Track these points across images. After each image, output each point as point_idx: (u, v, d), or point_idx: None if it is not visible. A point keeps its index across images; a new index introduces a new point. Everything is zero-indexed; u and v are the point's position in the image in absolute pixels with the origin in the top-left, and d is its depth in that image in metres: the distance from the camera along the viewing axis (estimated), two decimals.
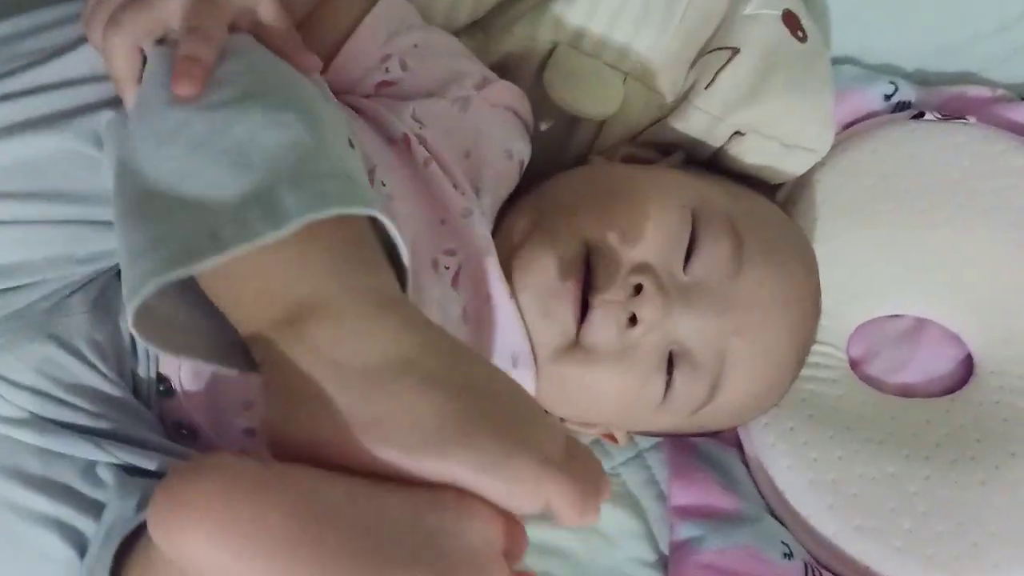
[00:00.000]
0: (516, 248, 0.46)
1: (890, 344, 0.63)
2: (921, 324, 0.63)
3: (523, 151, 0.51)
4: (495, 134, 0.49)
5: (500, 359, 0.46)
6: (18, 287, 0.36)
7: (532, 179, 0.53)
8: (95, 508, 0.36)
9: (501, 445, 0.28)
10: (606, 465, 0.58)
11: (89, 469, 0.37)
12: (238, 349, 0.32)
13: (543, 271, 0.45)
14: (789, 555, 0.55)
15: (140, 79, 0.36)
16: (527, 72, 0.54)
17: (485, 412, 0.28)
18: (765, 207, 0.54)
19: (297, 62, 0.37)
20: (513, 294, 0.45)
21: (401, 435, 0.28)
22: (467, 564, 0.28)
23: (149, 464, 0.37)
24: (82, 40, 0.39)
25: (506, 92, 0.51)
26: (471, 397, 0.29)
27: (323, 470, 0.28)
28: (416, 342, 0.29)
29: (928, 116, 0.63)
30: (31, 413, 0.37)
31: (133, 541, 0.33)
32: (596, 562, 0.56)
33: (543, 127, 0.54)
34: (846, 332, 0.62)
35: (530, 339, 0.46)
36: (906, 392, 0.62)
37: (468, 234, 0.46)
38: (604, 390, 0.48)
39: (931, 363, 0.63)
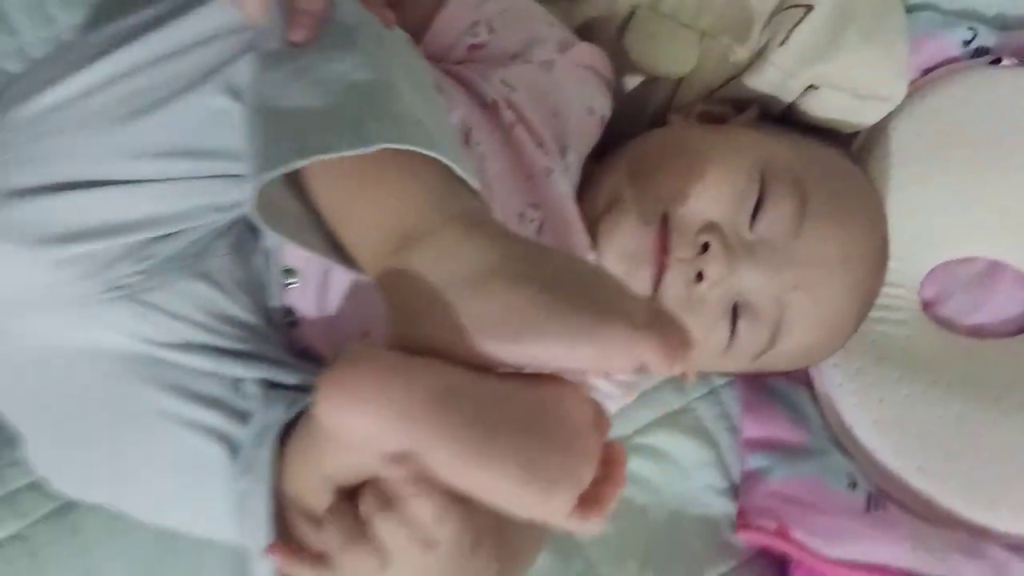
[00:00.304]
0: (602, 212, 0.51)
1: (963, 286, 0.65)
2: (994, 266, 0.65)
3: (604, 107, 0.54)
4: (578, 93, 0.53)
5: None
6: (171, 235, 0.43)
7: (615, 134, 0.57)
8: (243, 416, 0.43)
9: (590, 318, 0.32)
10: (682, 400, 0.63)
11: (236, 384, 0.44)
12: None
13: (625, 236, 0.50)
14: (853, 486, 0.59)
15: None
16: (608, 35, 0.57)
17: (571, 295, 0.33)
18: (835, 162, 0.56)
19: (379, 15, 0.43)
20: (594, 249, 0.50)
21: (503, 327, 0.32)
22: (566, 430, 0.33)
23: (286, 379, 0.44)
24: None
25: (587, 53, 0.54)
26: (557, 286, 0.33)
27: (449, 366, 0.33)
28: (502, 251, 0.34)
29: (1006, 62, 0.64)
30: (187, 340, 0.44)
31: (285, 436, 0.39)
32: (672, 489, 0.61)
33: (624, 85, 0.57)
34: (919, 275, 0.64)
35: None
36: (978, 333, 0.64)
37: (551, 191, 0.50)
38: None
39: (1004, 305, 0.64)
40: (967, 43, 0.66)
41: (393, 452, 0.32)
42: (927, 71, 0.66)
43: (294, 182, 0.39)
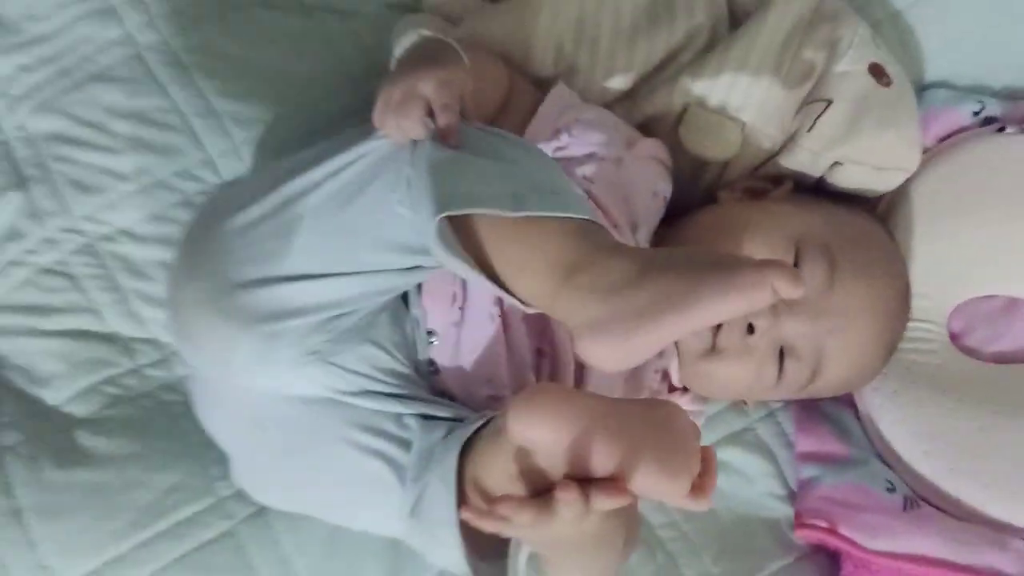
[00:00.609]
0: None
1: (985, 320, 0.75)
2: (1012, 302, 0.75)
3: (666, 189, 0.68)
4: (643, 180, 0.67)
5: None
6: (350, 312, 0.58)
7: (677, 208, 0.71)
8: (405, 444, 0.58)
9: (726, 273, 0.45)
10: (745, 422, 0.75)
11: (399, 419, 0.59)
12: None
13: None
14: (892, 490, 0.70)
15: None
16: (665, 127, 0.71)
17: (704, 266, 0.45)
18: (860, 225, 0.69)
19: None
20: None
21: (651, 312, 0.45)
22: (681, 436, 0.47)
23: (436, 413, 0.59)
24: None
25: (649, 146, 0.68)
26: (692, 265, 0.46)
27: (598, 395, 0.48)
28: (643, 258, 0.48)
29: (1010, 129, 0.75)
30: (362, 388, 0.59)
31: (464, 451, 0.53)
32: (738, 495, 0.73)
33: (680, 169, 0.71)
34: (946, 310, 0.75)
35: (675, 343, 0.64)
36: (1000, 360, 0.74)
37: None
38: (733, 377, 0.66)
39: (1022, 334, 0.75)
40: (976, 114, 0.78)
41: (565, 452, 0.46)
42: (943, 139, 0.78)
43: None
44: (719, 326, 0.64)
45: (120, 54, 0.75)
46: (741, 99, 0.69)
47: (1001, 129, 0.76)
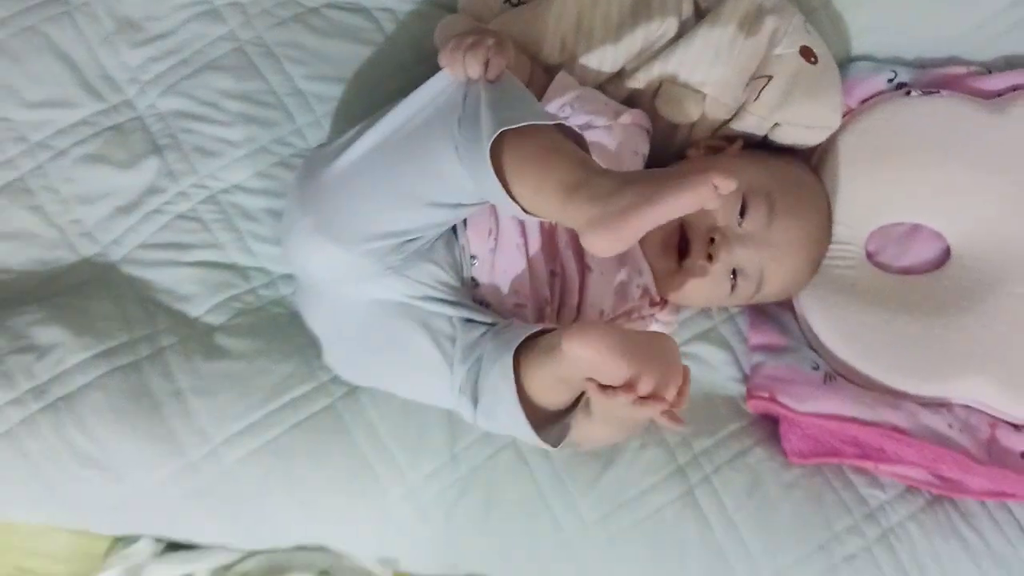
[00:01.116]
0: None
1: (894, 242, 0.98)
2: (915, 228, 0.97)
3: (644, 148, 0.90)
4: (627, 142, 0.89)
5: (633, 271, 0.88)
6: (416, 238, 0.80)
7: (655, 163, 0.93)
8: (452, 339, 0.80)
9: (678, 182, 0.64)
10: (710, 324, 0.98)
11: (450, 320, 0.81)
12: None
13: (660, 237, 0.86)
14: (816, 368, 0.93)
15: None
16: (646, 98, 0.93)
17: (659, 181, 0.65)
18: (794, 173, 0.91)
19: None
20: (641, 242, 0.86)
21: (631, 208, 0.65)
22: (674, 355, 0.70)
23: (477, 317, 0.82)
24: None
25: (632, 115, 0.90)
26: (658, 177, 0.66)
27: (623, 329, 0.72)
28: (622, 177, 0.67)
29: (914, 93, 0.97)
30: (425, 295, 0.82)
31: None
32: (705, 379, 0.96)
33: (657, 131, 0.93)
34: (863, 235, 0.97)
35: (651, 265, 0.88)
36: (904, 272, 0.97)
37: None
38: (698, 291, 0.89)
39: (921, 253, 0.97)
40: (890, 80, 0.99)
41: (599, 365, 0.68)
42: (864, 101, 0.99)
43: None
44: (686, 252, 0.87)
45: (226, 47, 0.97)
46: (703, 76, 0.91)
47: (908, 93, 0.97)
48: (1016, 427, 0.91)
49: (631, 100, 0.93)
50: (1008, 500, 0.90)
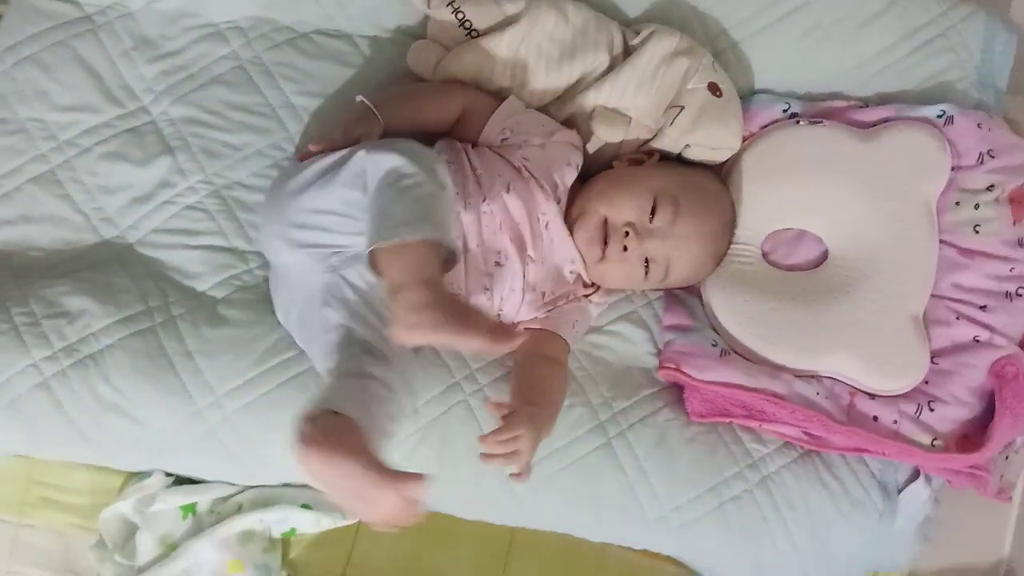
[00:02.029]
0: (577, 217, 1.07)
1: (784, 243, 1.18)
2: (801, 233, 1.18)
3: (577, 160, 1.09)
4: (561, 156, 1.08)
5: (566, 260, 1.07)
6: (349, 247, 0.95)
7: (588, 172, 1.12)
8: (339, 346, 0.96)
9: (461, 326, 0.84)
10: (632, 307, 1.18)
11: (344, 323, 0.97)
12: None
13: (588, 230, 1.06)
14: (715, 345, 1.13)
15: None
16: (583, 119, 1.12)
17: (459, 316, 0.84)
18: (700, 180, 1.11)
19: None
20: (572, 235, 1.06)
21: (430, 327, 0.83)
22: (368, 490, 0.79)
23: (365, 335, 0.96)
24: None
25: (565, 135, 1.09)
26: (456, 312, 0.84)
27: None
28: (432, 296, 0.84)
29: (801, 121, 1.17)
30: (350, 287, 0.97)
31: None
32: (626, 353, 1.15)
33: (591, 146, 1.13)
34: (760, 237, 1.17)
35: (581, 254, 1.07)
36: (791, 268, 1.18)
37: (549, 208, 1.06)
38: (617, 275, 1.08)
39: (806, 253, 1.17)
40: (785, 110, 1.19)
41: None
42: (763, 127, 1.19)
43: None
44: (604, 246, 1.06)
45: (229, 65, 1.15)
46: (628, 102, 1.11)
47: (799, 121, 1.18)
48: (871, 396, 1.12)
49: (570, 120, 1.12)
50: (863, 454, 1.11)
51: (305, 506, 1.10)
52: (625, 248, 1.05)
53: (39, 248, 1.10)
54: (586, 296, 1.12)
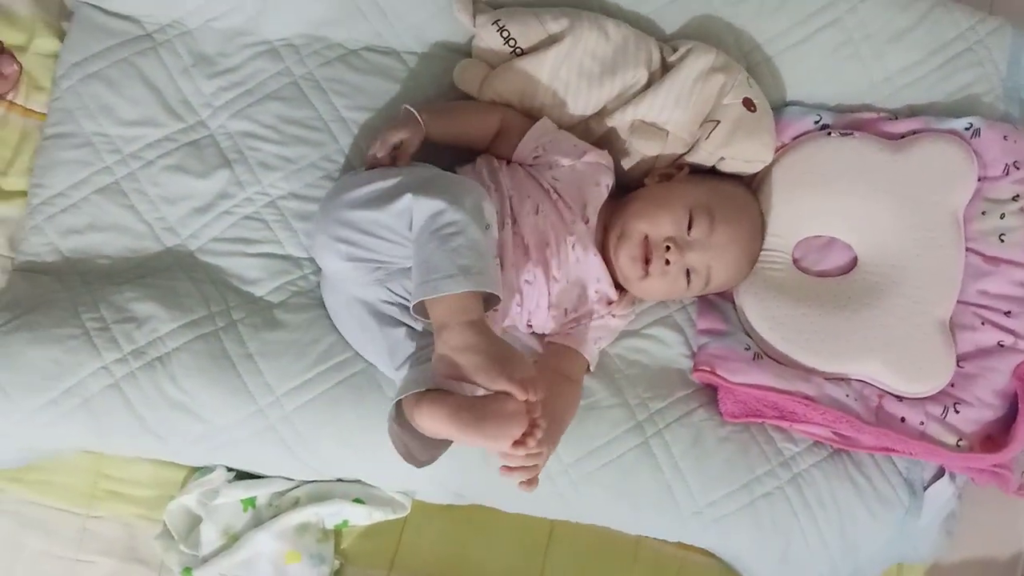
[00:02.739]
0: (616, 239, 1.11)
1: (814, 250, 1.23)
2: (831, 240, 1.23)
3: (608, 180, 1.13)
4: (591, 176, 1.12)
5: (591, 279, 1.12)
6: (397, 262, 1.00)
7: (623, 184, 1.17)
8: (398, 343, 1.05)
9: (498, 370, 0.88)
10: (666, 312, 1.23)
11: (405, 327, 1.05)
12: None
13: (631, 248, 1.10)
14: (748, 349, 1.18)
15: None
16: (621, 133, 1.17)
17: (496, 359, 0.88)
18: (732, 191, 1.16)
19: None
20: (606, 253, 1.11)
21: (468, 369, 0.89)
22: (507, 416, 0.89)
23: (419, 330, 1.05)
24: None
25: (594, 155, 1.13)
26: (494, 355, 0.89)
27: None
28: (473, 339, 0.89)
29: (832, 133, 1.21)
30: (397, 301, 1.04)
31: None
32: (661, 354, 1.21)
33: (629, 160, 1.18)
34: (791, 244, 1.22)
35: (614, 272, 1.12)
36: (821, 275, 1.22)
37: (576, 229, 1.10)
38: (661, 289, 1.13)
39: (836, 260, 1.22)
40: (816, 122, 1.24)
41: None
42: (795, 138, 1.24)
43: None
44: (647, 263, 1.11)
45: (284, 81, 1.20)
46: (666, 118, 1.15)
47: (829, 133, 1.22)
48: (899, 398, 1.17)
49: (609, 134, 1.17)
50: (891, 454, 1.16)
51: (357, 500, 1.16)
52: (667, 262, 1.10)
53: (106, 256, 1.17)
54: (608, 312, 1.16)
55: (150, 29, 1.21)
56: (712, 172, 1.18)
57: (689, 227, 1.10)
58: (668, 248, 1.10)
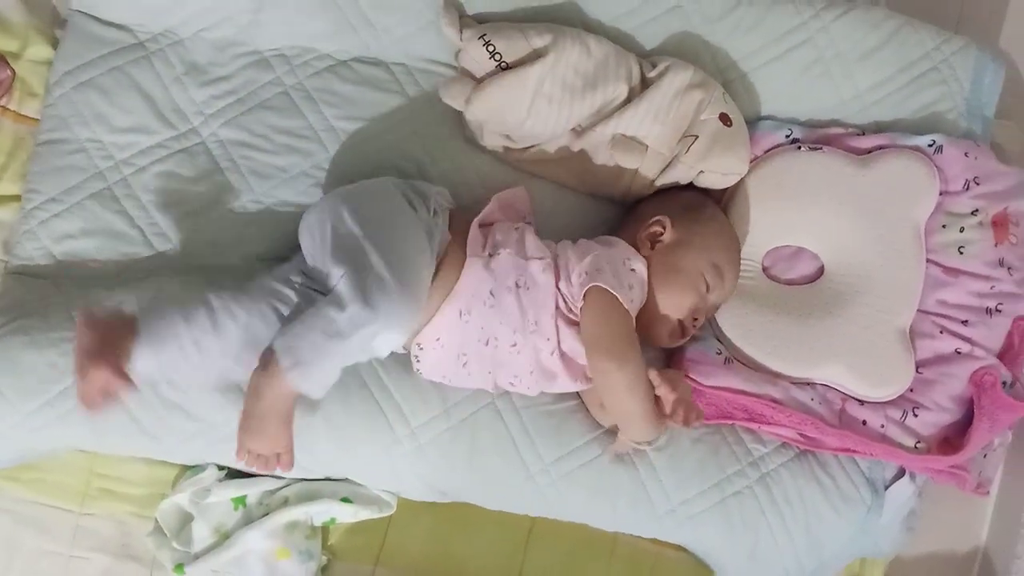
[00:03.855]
0: (654, 331, 1.18)
1: (782, 259, 1.28)
2: (799, 250, 1.28)
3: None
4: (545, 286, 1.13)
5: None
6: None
7: (601, 204, 1.22)
8: None
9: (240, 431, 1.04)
10: None
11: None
12: None
13: (670, 336, 1.19)
14: (720, 353, 1.24)
15: None
16: (603, 148, 1.21)
17: (247, 421, 1.05)
18: (709, 214, 1.20)
19: None
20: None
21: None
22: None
23: None
24: None
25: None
26: (250, 414, 1.10)
27: None
28: (255, 395, 1.05)
29: (802, 147, 1.27)
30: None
31: None
32: None
33: (608, 176, 1.22)
34: (761, 253, 1.27)
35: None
36: (789, 283, 1.28)
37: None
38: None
39: (804, 269, 1.28)
40: (788, 136, 1.29)
41: None
42: (767, 151, 1.29)
43: None
44: (683, 335, 1.18)
45: (275, 90, 1.23)
46: (645, 132, 1.20)
47: (799, 147, 1.27)
48: (861, 402, 1.23)
49: (590, 148, 1.22)
50: (854, 455, 1.22)
51: (345, 500, 1.21)
52: (698, 325, 1.18)
53: (98, 260, 1.19)
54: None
55: (143, 38, 1.23)
56: (680, 191, 1.23)
57: (707, 291, 1.17)
58: (695, 319, 1.17)
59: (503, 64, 1.20)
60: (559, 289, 1.11)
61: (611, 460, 1.16)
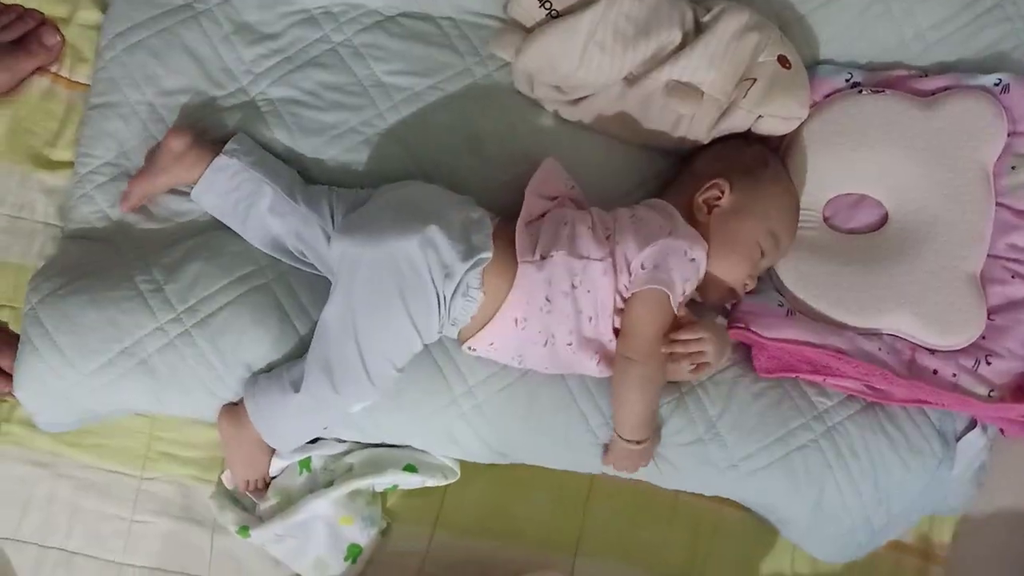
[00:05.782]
0: (718, 300, 1.19)
1: (844, 208, 1.25)
2: (862, 197, 1.24)
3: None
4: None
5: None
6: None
7: (661, 153, 1.20)
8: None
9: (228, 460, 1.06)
10: None
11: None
12: None
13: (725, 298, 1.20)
14: (781, 305, 1.21)
15: None
16: (657, 95, 1.19)
17: (229, 452, 1.20)
18: (769, 174, 1.16)
19: None
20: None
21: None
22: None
23: None
24: None
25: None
26: (227, 442, 1.10)
27: None
28: (232, 427, 1.14)
29: (864, 91, 1.23)
30: None
31: None
32: (695, 314, 1.25)
33: (664, 123, 1.19)
34: (821, 203, 1.24)
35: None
36: (851, 232, 1.24)
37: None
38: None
39: (866, 217, 1.24)
40: (847, 80, 1.25)
41: None
42: (826, 96, 1.25)
43: None
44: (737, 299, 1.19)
45: (323, 47, 1.22)
46: (701, 77, 1.17)
47: (860, 91, 1.24)
48: (931, 351, 1.19)
49: (644, 95, 1.19)
50: (923, 406, 1.19)
51: (409, 467, 1.19)
52: (749, 287, 1.17)
53: (155, 220, 1.19)
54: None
55: None
56: (740, 145, 1.19)
57: (762, 254, 1.15)
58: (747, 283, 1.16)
59: (553, 12, 1.17)
60: (618, 292, 1.09)
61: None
